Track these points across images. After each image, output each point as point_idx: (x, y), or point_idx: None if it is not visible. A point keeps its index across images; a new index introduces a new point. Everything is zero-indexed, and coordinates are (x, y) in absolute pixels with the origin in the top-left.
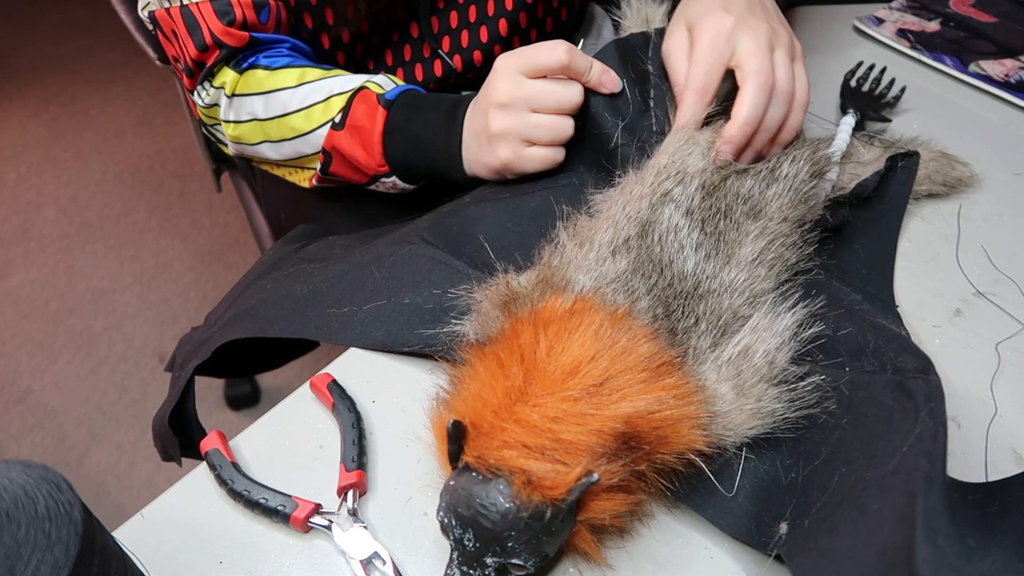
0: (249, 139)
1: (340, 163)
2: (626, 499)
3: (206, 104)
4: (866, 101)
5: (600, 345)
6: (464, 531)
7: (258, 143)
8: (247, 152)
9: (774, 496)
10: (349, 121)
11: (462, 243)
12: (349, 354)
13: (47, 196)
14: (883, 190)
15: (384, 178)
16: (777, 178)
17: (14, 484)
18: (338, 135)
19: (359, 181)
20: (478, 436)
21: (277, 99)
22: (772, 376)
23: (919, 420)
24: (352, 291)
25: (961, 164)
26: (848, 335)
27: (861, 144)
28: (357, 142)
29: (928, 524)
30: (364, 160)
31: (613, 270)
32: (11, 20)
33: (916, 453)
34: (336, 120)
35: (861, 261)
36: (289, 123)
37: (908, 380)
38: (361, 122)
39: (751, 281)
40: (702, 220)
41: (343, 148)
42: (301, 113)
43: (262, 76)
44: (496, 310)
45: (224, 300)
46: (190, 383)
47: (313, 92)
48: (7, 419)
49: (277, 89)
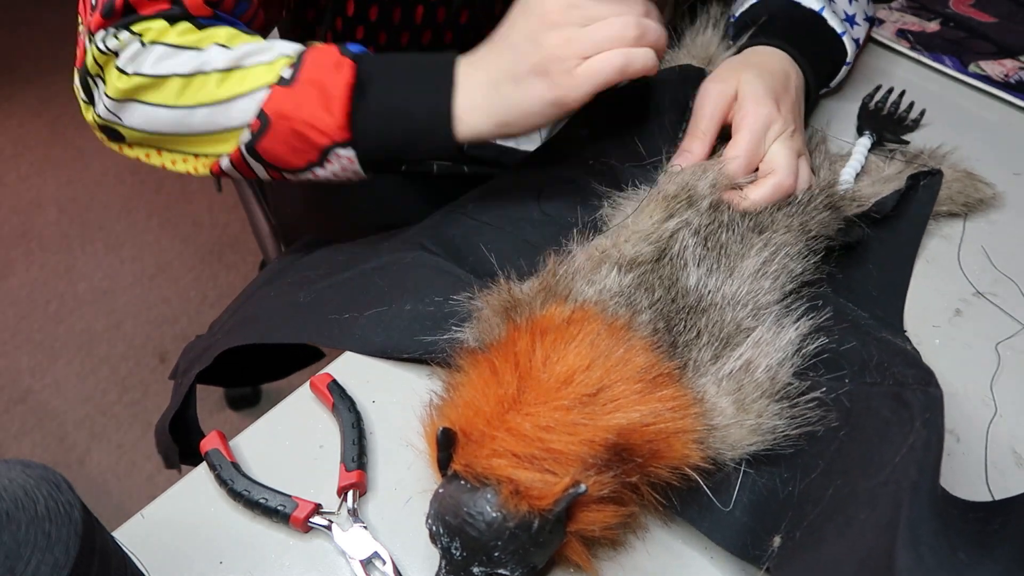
0: (144, 97)
1: (279, 134)
2: (618, 511)
3: (105, 49)
4: (884, 123)
5: (596, 355)
6: (451, 540)
7: (154, 105)
8: (133, 119)
9: (771, 510)
10: (302, 75)
11: (465, 252)
12: (349, 354)
13: (47, 196)
14: (903, 209)
15: (340, 149)
16: (790, 202)
17: (14, 484)
18: (284, 94)
19: (293, 165)
20: (468, 444)
21: (201, 55)
22: (774, 392)
23: (914, 430)
24: (354, 298)
25: (985, 185)
26: (852, 349)
27: (881, 159)
28: (315, 99)
29: (911, 532)
30: (322, 122)
31: (617, 283)
32: (11, 20)
33: (907, 463)
34: (285, 76)
35: (874, 283)
36: (207, 84)
37: (907, 392)
38: (320, 75)
39: (754, 294)
40: (706, 236)
41: (289, 111)
42: (233, 74)
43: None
44: (496, 316)
45: (228, 308)
46: (192, 390)
47: (256, 51)
48: (7, 419)
49: (205, 44)
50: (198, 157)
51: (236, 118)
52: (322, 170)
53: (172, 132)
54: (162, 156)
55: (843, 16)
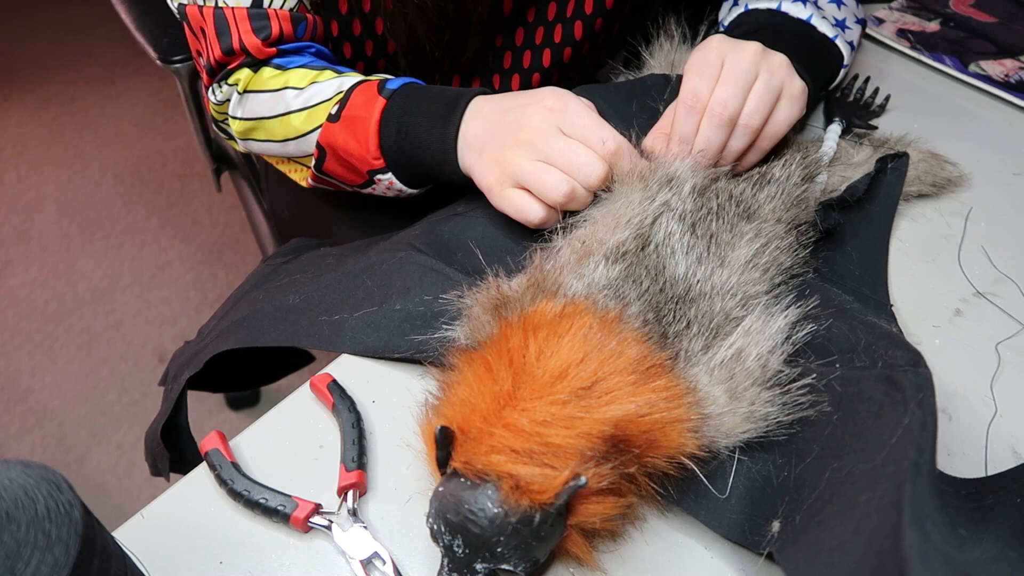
0: (255, 135)
1: (334, 160)
2: (617, 502)
3: (218, 101)
4: (851, 110)
5: (589, 348)
6: (453, 537)
7: (263, 140)
8: (254, 148)
9: (767, 495)
10: (346, 112)
11: (453, 250)
12: (348, 354)
13: (47, 196)
14: (873, 192)
15: (380, 174)
16: (769, 181)
17: (14, 484)
18: (333, 128)
19: (354, 182)
20: (466, 441)
21: (283, 97)
22: (765, 379)
23: (908, 411)
24: (343, 299)
25: (950, 164)
26: (839, 334)
27: (850, 145)
28: (351, 133)
29: (916, 511)
30: (358, 152)
31: (605, 276)
32: (10, 20)
33: (905, 443)
34: (332, 112)
35: (854, 263)
36: (291, 122)
37: (897, 373)
38: (358, 112)
39: (744, 284)
40: (693, 223)
41: (337, 142)
42: (304, 112)
43: (273, 73)
44: (486, 314)
45: (216, 313)
46: (183, 396)
47: (321, 91)
48: (7, 419)
49: (285, 88)
50: (299, 171)
51: (311, 147)
52: (375, 188)
53: (278, 155)
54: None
55: (833, 22)
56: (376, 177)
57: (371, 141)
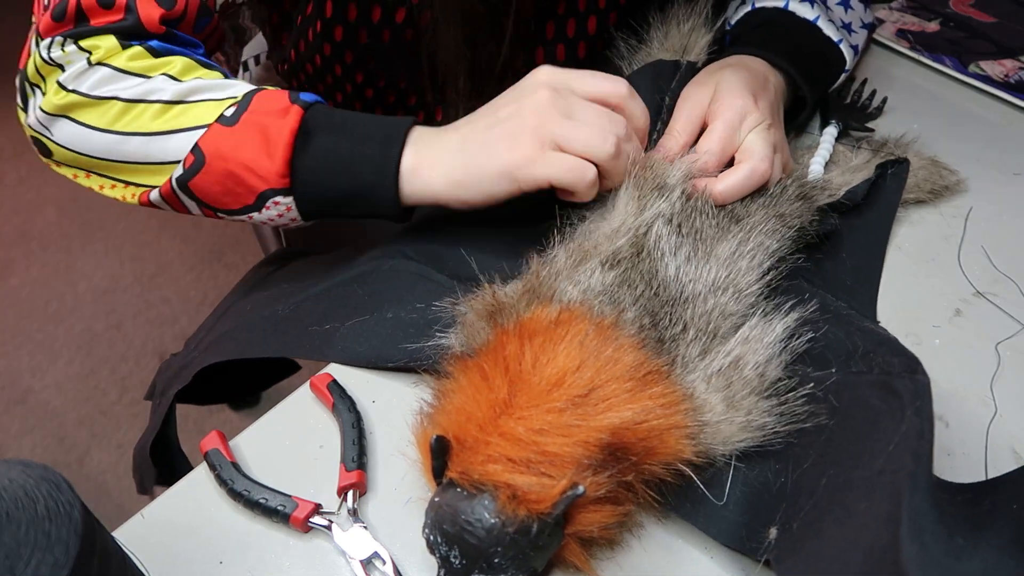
0: (81, 117)
1: (215, 172)
2: (615, 511)
3: (51, 59)
4: (848, 112)
5: (585, 355)
6: (450, 548)
7: (89, 127)
8: (56, 132)
9: (764, 502)
10: (246, 116)
11: (444, 257)
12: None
13: (47, 196)
14: (872, 198)
15: (278, 196)
16: (761, 193)
17: (14, 484)
18: (223, 132)
19: (227, 206)
20: (462, 451)
21: (151, 83)
22: (763, 389)
23: (905, 419)
24: (334, 308)
25: (949, 172)
26: (837, 341)
27: (848, 149)
28: (256, 142)
29: (914, 522)
30: (260, 167)
31: (600, 282)
32: (11, 20)
33: (902, 452)
34: (227, 114)
35: (847, 271)
36: (155, 113)
37: (894, 380)
38: (262, 119)
39: (733, 276)
40: (679, 223)
41: (226, 150)
42: (178, 107)
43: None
44: (481, 321)
45: (203, 325)
46: (171, 411)
47: (208, 87)
48: (7, 419)
49: (157, 74)
50: (127, 185)
51: (171, 152)
52: (259, 215)
53: (102, 156)
54: (90, 179)
55: (839, 24)
56: (271, 200)
57: (278, 154)
